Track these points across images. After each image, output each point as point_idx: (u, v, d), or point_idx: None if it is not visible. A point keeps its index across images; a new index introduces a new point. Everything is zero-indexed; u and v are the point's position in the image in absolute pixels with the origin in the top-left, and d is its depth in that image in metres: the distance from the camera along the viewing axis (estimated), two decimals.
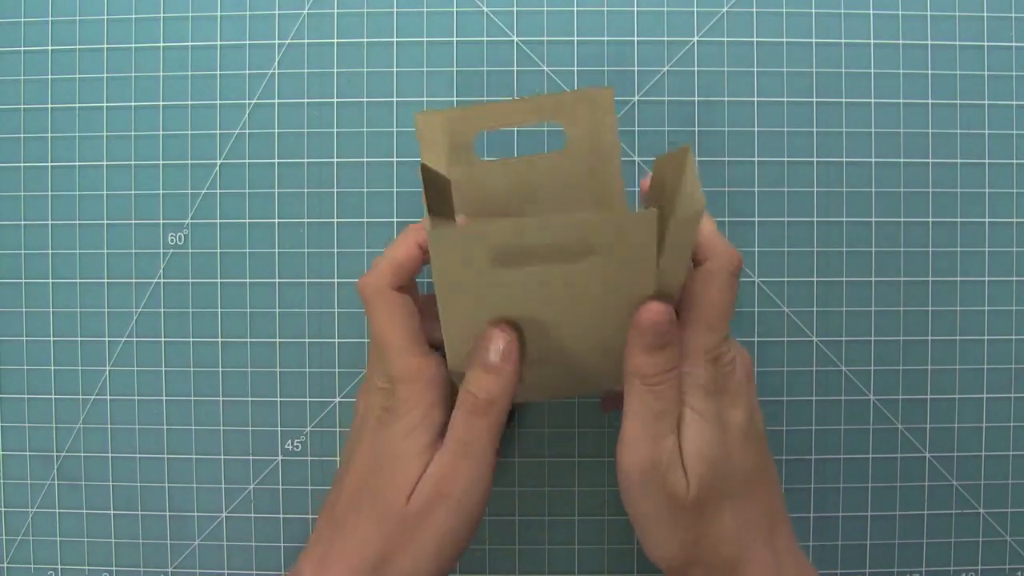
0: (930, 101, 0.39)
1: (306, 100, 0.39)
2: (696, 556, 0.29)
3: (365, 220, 0.39)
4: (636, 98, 0.39)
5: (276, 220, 0.40)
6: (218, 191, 0.40)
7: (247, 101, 0.40)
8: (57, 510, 0.41)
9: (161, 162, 0.40)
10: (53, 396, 0.40)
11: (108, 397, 0.40)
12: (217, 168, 0.40)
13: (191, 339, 0.40)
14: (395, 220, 0.39)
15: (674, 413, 0.29)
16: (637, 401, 0.28)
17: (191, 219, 0.40)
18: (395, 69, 0.39)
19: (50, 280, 0.40)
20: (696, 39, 0.39)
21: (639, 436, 0.28)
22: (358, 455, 0.31)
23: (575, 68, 0.39)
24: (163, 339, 0.40)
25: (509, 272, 0.27)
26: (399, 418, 0.30)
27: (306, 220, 0.40)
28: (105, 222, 0.40)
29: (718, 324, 0.29)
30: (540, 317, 0.29)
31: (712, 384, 0.29)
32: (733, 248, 0.30)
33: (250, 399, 0.40)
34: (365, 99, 0.39)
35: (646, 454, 0.28)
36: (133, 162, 0.40)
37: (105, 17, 0.40)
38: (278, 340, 0.40)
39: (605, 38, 0.39)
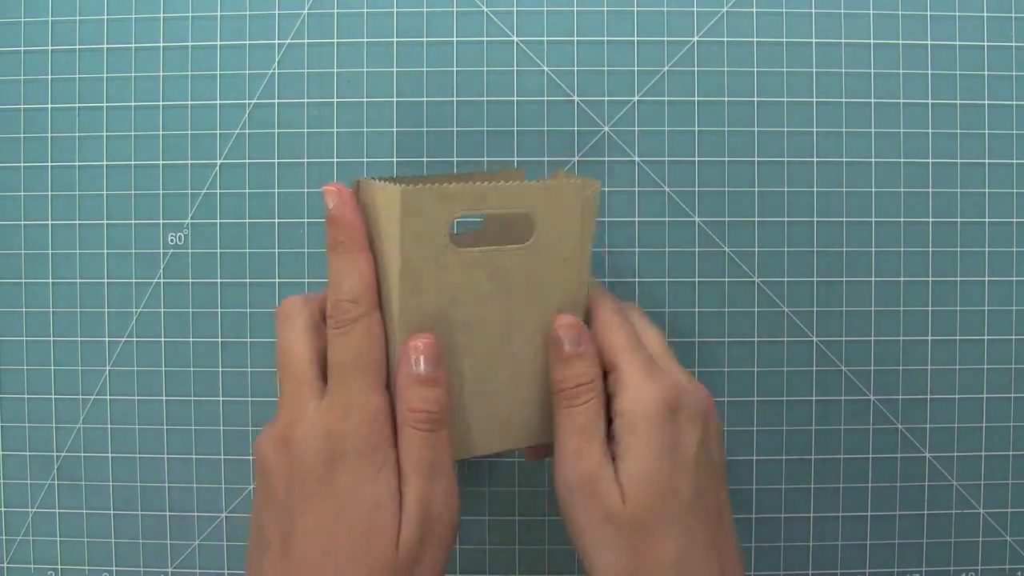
0: (930, 101, 0.39)
1: (306, 100, 0.39)
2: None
3: None
4: (636, 98, 0.39)
5: (276, 220, 0.40)
6: (218, 191, 0.40)
7: (247, 101, 0.40)
8: (57, 510, 0.41)
9: (161, 162, 0.40)
10: (53, 396, 0.40)
11: (108, 397, 0.40)
12: (217, 168, 0.40)
13: (191, 339, 0.40)
14: None
15: (599, 427, 0.29)
16: (562, 416, 0.29)
17: (191, 219, 0.40)
18: (395, 69, 0.39)
19: (50, 280, 0.40)
20: (696, 39, 0.39)
21: (567, 451, 0.29)
22: (307, 519, 0.26)
23: (575, 68, 0.39)
24: (163, 339, 0.40)
25: (460, 258, 0.29)
26: (362, 462, 0.27)
27: (306, 220, 0.40)
28: (105, 222, 0.40)
29: (608, 358, 0.30)
30: (470, 334, 0.30)
31: (655, 404, 0.28)
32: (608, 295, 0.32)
33: (250, 399, 0.40)
34: (365, 99, 0.39)
35: (574, 469, 0.28)
36: (133, 162, 0.40)
37: (105, 17, 0.40)
38: None
39: (605, 38, 0.39)
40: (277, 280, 0.40)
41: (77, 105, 0.40)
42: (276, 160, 0.40)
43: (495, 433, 0.31)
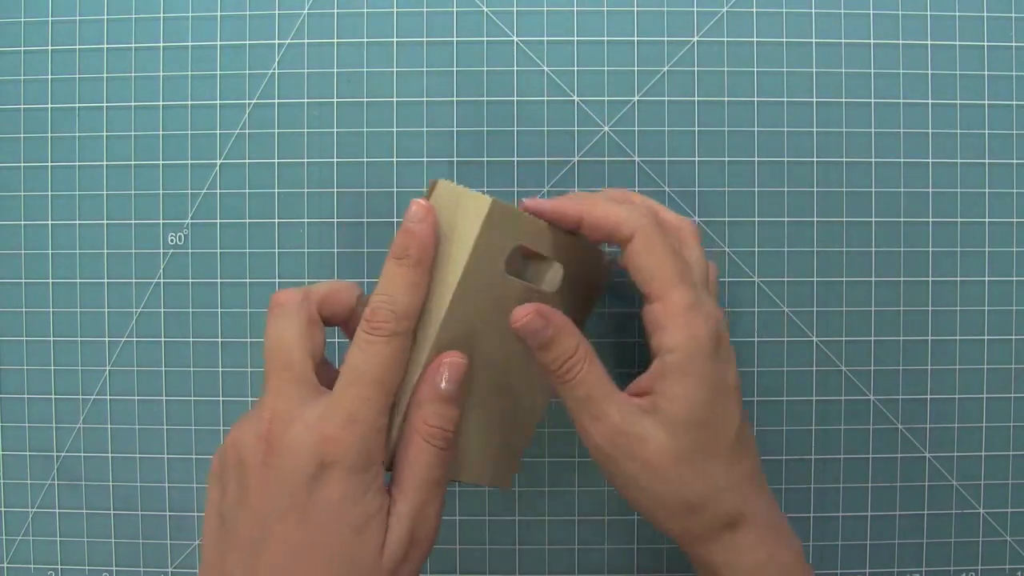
0: (930, 101, 0.39)
1: (306, 100, 0.39)
2: (695, 522, 0.29)
3: (365, 220, 0.39)
4: (636, 98, 0.39)
5: (276, 220, 0.40)
6: (218, 191, 0.40)
7: (247, 101, 0.40)
8: (57, 510, 0.41)
9: (161, 162, 0.40)
10: (53, 396, 0.40)
11: (108, 397, 0.40)
12: (217, 168, 0.40)
13: (191, 339, 0.40)
14: (395, 220, 0.39)
15: (603, 385, 0.29)
16: (563, 393, 0.29)
17: (191, 219, 0.40)
18: (395, 69, 0.39)
19: (50, 280, 0.40)
20: (696, 39, 0.39)
21: (583, 424, 0.29)
22: (285, 526, 0.25)
23: (575, 68, 0.39)
24: (163, 339, 0.40)
25: (506, 286, 0.29)
26: (354, 478, 0.26)
27: (306, 220, 0.40)
28: (105, 222, 0.40)
29: (667, 283, 0.29)
30: (483, 362, 0.30)
31: (707, 341, 0.29)
32: (633, 213, 0.30)
33: (249, 399, 0.40)
34: (365, 99, 0.39)
35: (599, 435, 0.29)
36: (133, 162, 0.40)
37: (105, 17, 0.40)
38: None
39: (605, 38, 0.39)
40: (277, 280, 0.40)
41: (77, 105, 0.40)
42: (276, 160, 0.40)
43: (475, 466, 0.31)
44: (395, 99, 0.39)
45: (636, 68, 0.39)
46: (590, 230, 0.30)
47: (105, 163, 0.40)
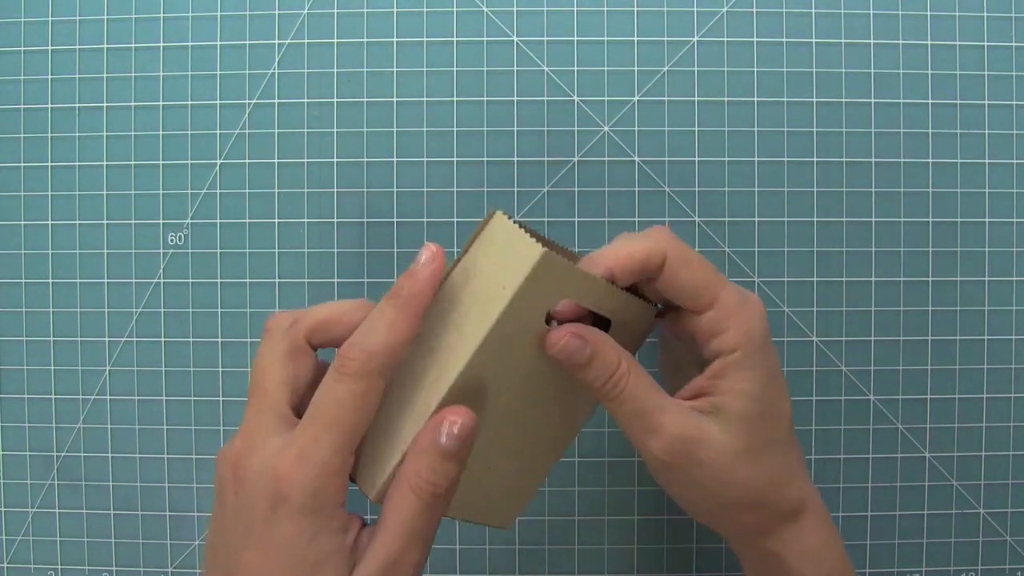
0: (930, 101, 0.39)
1: (306, 100, 0.39)
2: (758, 517, 0.29)
3: (365, 220, 0.39)
4: (636, 98, 0.39)
5: (276, 220, 0.40)
6: (218, 191, 0.40)
7: (247, 101, 0.40)
8: (57, 510, 0.41)
9: (161, 162, 0.40)
10: (53, 396, 0.40)
11: (108, 397, 0.40)
12: (217, 168, 0.40)
13: (191, 339, 0.40)
14: (395, 220, 0.39)
15: (653, 396, 0.28)
16: (612, 409, 0.29)
17: (191, 219, 0.40)
18: (395, 69, 0.39)
19: (50, 280, 0.40)
20: (696, 39, 0.39)
21: (638, 438, 0.29)
22: (249, 555, 0.25)
23: (575, 68, 0.39)
24: (163, 339, 0.40)
25: (538, 338, 0.27)
26: (306, 519, 0.25)
27: (306, 220, 0.40)
28: (105, 222, 0.40)
29: (714, 288, 0.29)
30: (497, 411, 0.28)
31: (762, 334, 0.29)
32: (649, 239, 0.29)
33: None
34: (365, 99, 0.39)
35: (657, 449, 0.28)
36: (133, 162, 0.40)
37: (105, 17, 0.40)
38: None
39: (605, 38, 0.39)
40: (277, 280, 0.40)
41: (77, 105, 0.40)
42: (276, 160, 0.40)
43: (473, 504, 0.30)
44: (395, 99, 0.39)
45: (636, 68, 0.39)
46: (624, 275, 0.29)
47: (105, 163, 0.40)
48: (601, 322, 0.30)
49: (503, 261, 0.26)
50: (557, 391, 0.29)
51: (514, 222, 0.26)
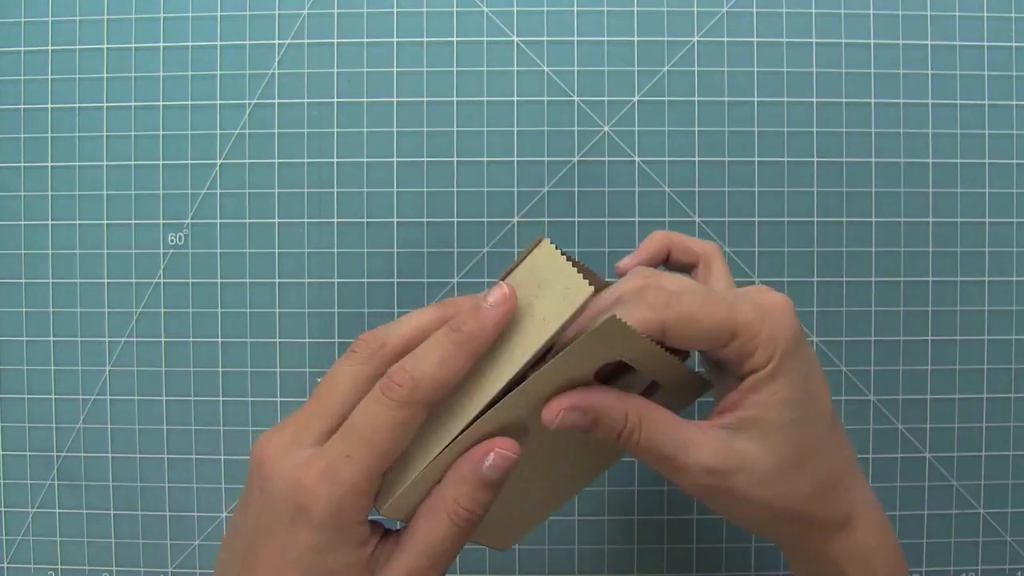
0: (930, 101, 0.39)
1: (306, 100, 0.39)
2: (807, 529, 0.28)
3: (365, 220, 0.39)
4: (636, 98, 0.39)
5: (276, 220, 0.40)
6: (218, 191, 0.40)
7: (247, 101, 0.40)
8: (57, 510, 0.41)
9: (161, 162, 0.40)
10: (53, 396, 0.40)
11: (108, 397, 0.40)
12: (217, 168, 0.40)
13: (191, 339, 0.40)
14: (395, 220, 0.39)
15: (672, 431, 0.27)
16: (639, 458, 0.28)
17: (191, 219, 0.40)
18: (395, 69, 0.39)
19: (50, 280, 0.40)
20: (696, 39, 0.39)
21: (669, 474, 0.28)
22: (268, 552, 0.25)
23: (575, 68, 0.39)
24: (163, 339, 0.40)
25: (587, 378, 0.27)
26: (325, 533, 0.25)
27: (306, 220, 0.40)
28: (105, 222, 0.40)
29: (729, 322, 0.27)
30: (528, 451, 0.27)
31: (777, 348, 0.27)
32: (644, 312, 0.27)
33: (250, 399, 0.40)
34: (365, 99, 0.39)
35: (686, 484, 0.27)
36: (133, 162, 0.40)
37: (105, 17, 0.40)
38: (278, 340, 0.40)
39: (605, 38, 0.39)
40: (277, 280, 0.40)
41: (77, 105, 0.40)
42: (276, 160, 0.40)
43: (481, 526, 0.29)
44: (395, 99, 0.39)
45: (636, 68, 0.39)
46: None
47: (105, 163, 0.40)
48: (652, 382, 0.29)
49: (553, 298, 0.25)
50: (583, 436, 0.28)
51: (565, 257, 0.25)
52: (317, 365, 0.40)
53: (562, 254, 0.26)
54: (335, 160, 0.39)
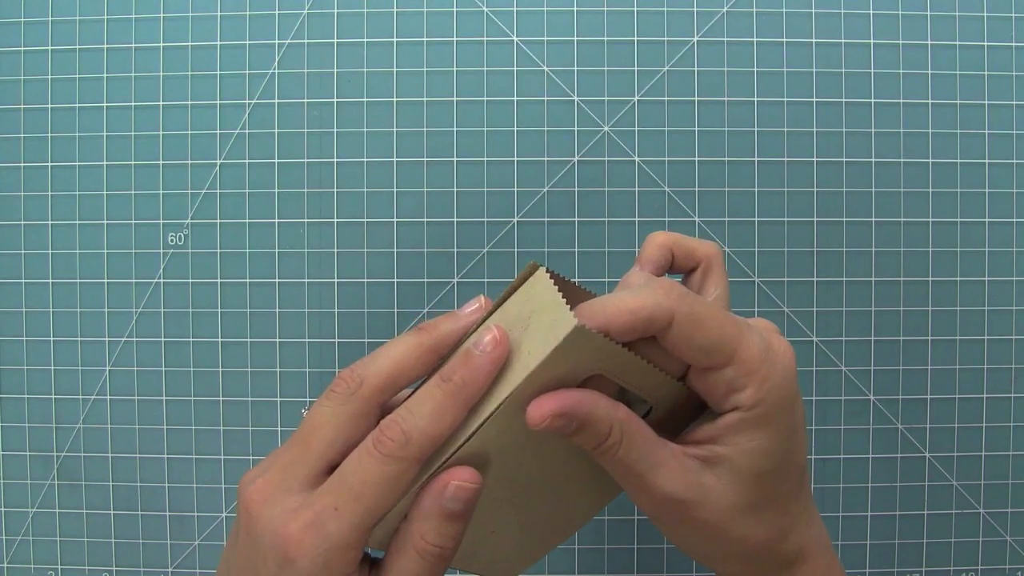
0: (930, 101, 0.39)
1: (306, 100, 0.39)
2: (755, 566, 0.28)
3: (365, 220, 0.39)
4: (636, 98, 0.39)
5: (276, 220, 0.40)
6: (218, 191, 0.40)
7: (247, 101, 0.40)
8: (57, 510, 0.41)
9: (161, 162, 0.40)
10: (53, 396, 0.40)
11: (108, 397, 0.40)
12: (217, 168, 0.40)
13: (191, 339, 0.40)
14: (395, 220, 0.39)
15: (649, 453, 0.26)
16: (614, 469, 0.27)
17: (191, 219, 0.40)
18: (395, 69, 0.39)
19: (50, 280, 0.40)
20: (696, 39, 0.39)
21: (630, 494, 0.27)
22: None
23: (575, 68, 0.39)
24: (163, 339, 0.40)
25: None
26: None
27: (306, 220, 0.40)
28: (105, 222, 0.40)
29: (731, 344, 0.26)
30: (504, 478, 0.27)
31: (789, 388, 0.27)
32: (657, 295, 0.26)
33: (250, 399, 0.40)
34: (365, 99, 0.39)
35: (645, 505, 0.27)
36: (133, 162, 0.40)
37: (105, 17, 0.40)
38: (278, 340, 0.40)
39: (605, 38, 0.39)
40: (277, 280, 0.40)
41: (77, 105, 0.40)
42: (276, 160, 0.40)
43: (476, 557, 0.29)
44: (395, 99, 0.39)
45: (636, 68, 0.39)
46: (620, 334, 0.25)
47: (105, 163, 0.40)
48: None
49: (537, 321, 0.24)
50: (579, 467, 0.28)
51: (553, 283, 0.24)
52: (317, 365, 0.40)
53: (555, 284, 0.25)
54: (335, 160, 0.39)
